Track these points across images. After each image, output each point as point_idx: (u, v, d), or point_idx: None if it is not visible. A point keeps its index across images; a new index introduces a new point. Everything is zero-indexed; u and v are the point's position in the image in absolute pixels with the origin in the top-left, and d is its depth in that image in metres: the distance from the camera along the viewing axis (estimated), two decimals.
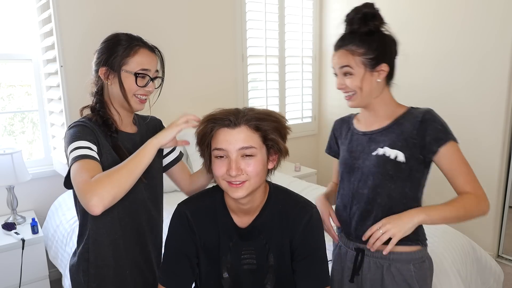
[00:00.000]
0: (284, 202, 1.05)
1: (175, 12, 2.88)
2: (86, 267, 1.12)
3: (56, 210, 2.36)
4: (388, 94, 1.18)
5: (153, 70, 1.12)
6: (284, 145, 0.99)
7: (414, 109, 1.15)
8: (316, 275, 1.03)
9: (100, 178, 0.92)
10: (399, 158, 1.10)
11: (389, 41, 1.14)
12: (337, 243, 1.31)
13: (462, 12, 2.68)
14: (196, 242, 1.05)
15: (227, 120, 0.93)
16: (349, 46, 1.12)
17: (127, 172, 0.95)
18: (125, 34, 1.12)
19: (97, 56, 1.12)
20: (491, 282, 2.01)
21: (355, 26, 1.12)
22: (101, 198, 0.89)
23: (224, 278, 1.05)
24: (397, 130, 1.12)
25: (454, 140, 1.08)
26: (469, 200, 1.06)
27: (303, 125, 3.81)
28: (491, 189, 2.66)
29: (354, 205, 1.20)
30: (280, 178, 2.82)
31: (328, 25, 3.73)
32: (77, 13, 2.45)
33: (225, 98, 3.24)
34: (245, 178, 0.93)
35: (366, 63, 1.10)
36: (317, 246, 1.04)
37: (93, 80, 1.15)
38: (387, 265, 1.14)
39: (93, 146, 1.02)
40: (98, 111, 1.11)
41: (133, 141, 1.16)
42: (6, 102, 2.51)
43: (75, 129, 1.04)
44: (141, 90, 1.10)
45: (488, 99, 2.61)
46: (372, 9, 1.12)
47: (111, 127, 1.10)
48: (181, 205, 1.07)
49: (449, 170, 1.09)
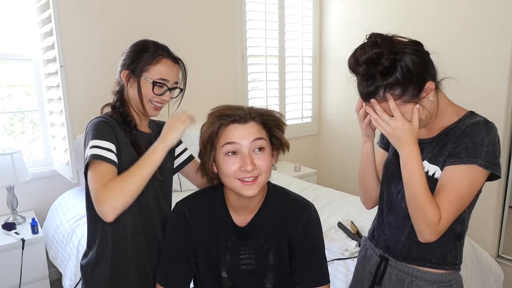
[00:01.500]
0: (282, 201, 1.05)
1: (175, 12, 2.88)
2: (105, 263, 1.12)
3: (56, 210, 2.36)
4: (443, 100, 1.04)
5: (173, 81, 1.16)
6: (286, 140, 1.01)
7: (472, 117, 1.00)
8: (315, 273, 1.03)
9: (111, 187, 0.97)
10: (436, 175, 0.99)
11: (414, 58, 0.93)
12: (364, 244, 1.27)
13: (462, 12, 2.68)
14: (194, 241, 1.05)
15: (237, 116, 0.93)
16: (379, 95, 0.95)
17: (137, 179, 1.00)
18: (153, 42, 1.16)
19: (123, 58, 1.17)
20: (491, 282, 2.01)
21: (368, 77, 0.95)
22: (113, 207, 0.96)
23: (223, 277, 1.05)
24: (442, 142, 1.00)
25: (478, 164, 0.92)
26: (432, 210, 0.93)
27: (303, 125, 3.81)
28: (491, 189, 2.67)
29: (391, 215, 1.13)
30: (280, 178, 2.82)
31: (328, 25, 3.73)
32: (77, 13, 2.45)
33: (225, 98, 3.24)
34: (258, 173, 0.93)
35: (408, 99, 0.94)
36: (315, 245, 1.04)
37: (116, 80, 1.20)
38: (409, 281, 1.07)
39: (112, 146, 1.06)
40: (119, 108, 1.15)
41: (149, 140, 1.19)
42: (6, 102, 2.51)
43: (97, 126, 1.08)
44: (157, 98, 1.14)
45: (488, 99, 2.61)
46: (372, 48, 0.93)
47: (131, 123, 1.15)
48: (179, 203, 1.07)
49: (444, 187, 0.95)
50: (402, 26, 3.04)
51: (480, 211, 2.73)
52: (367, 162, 1.18)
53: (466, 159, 0.92)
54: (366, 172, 1.19)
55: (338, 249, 1.75)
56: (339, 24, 3.62)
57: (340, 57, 3.62)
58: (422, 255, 1.06)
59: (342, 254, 1.73)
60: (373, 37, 0.95)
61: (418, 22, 2.93)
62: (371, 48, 0.93)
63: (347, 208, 2.27)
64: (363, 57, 0.93)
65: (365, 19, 3.35)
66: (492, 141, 0.93)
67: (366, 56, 0.93)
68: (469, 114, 1.01)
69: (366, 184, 1.21)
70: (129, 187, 0.98)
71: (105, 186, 0.97)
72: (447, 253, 1.05)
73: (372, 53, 0.92)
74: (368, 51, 0.93)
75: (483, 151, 0.92)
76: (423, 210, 0.94)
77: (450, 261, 1.05)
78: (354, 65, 0.96)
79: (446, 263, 1.05)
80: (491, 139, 0.92)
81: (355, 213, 2.19)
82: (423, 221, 0.95)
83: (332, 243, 1.79)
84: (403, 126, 0.95)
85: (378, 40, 0.93)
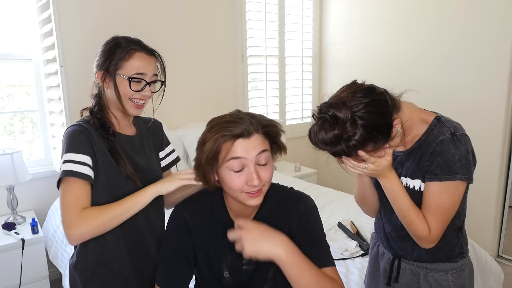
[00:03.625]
0: (279, 197, 1.06)
1: (175, 12, 2.88)
2: (84, 265, 1.12)
3: (56, 210, 2.36)
4: (409, 113, 1.05)
5: (150, 74, 1.10)
6: (284, 144, 1.02)
7: (439, 125, 1.03)
8: (318, 256, 1.00)
9: (88, 216, 0.98)
10: (420, 188, 1.06)
11: (372, 109, 0.92)
12: (375, 240, 1.30)
13: (463, 12, 2.68)
14: (194, 243, 1.05)
15: (241, 130, 0.90)
16: (352, 155, 0.98)
17: (115, 216, 1.01)
18: (124, 38, 1.11)
19: (96, 59, 1.12)
20: (491, 282, 2.01)
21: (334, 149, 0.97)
22: (82, 236, 0.98)
23: (225, 277, 1.05)
24: (418, 156, 1.05)
25: (459, 179, 0.98)
26: (421, 225, 1.01)
27: (303, 125, 3.81)
28: (491, 189, 2.67)
29: (388, 225, 1.18)
30: (280, 178, 2.82)
31: (328, 25, 3.72)
32: (77, 13, 2.45)
33: (225, 98, 3.24)
34: (262, 184, 0.94)
35: (381, 145, 0.97)
36: (316, 230, 1.04)
37: (93, 82, 1.15)
38: (424, 274, 1.13)
39: (87, 159, 1.03)
40: (96, 114, 1.11)
41: (131, 143, 1.16)
42: (6, 102, 2.51)
43: (71, 137, 1.04)
44: (137, 95, 1.09)
45: (488, 100, 2.61)
46: (329, 131, 0.93)
47: (108, 130, 1.10)
48: (179, 205, 1.07)
49: (426, 203, 1.02)
50: (402, 26, 3.04)
51: (480, 211, 2.73)
52: (364, 186, 1.20)
53: (442, 176, 0.99)
54: (365, 193, 1.21)
55: (338, 249, 1.75)
56: (339, 24, 3.62)
57: (340, 57, 3.62)
58: (432, 256, 1.12)
59: (342, 254, 1.73)
60: (324, 112, 0.94)
61: (418, 22, 2.93)
62: (329, 131, 0.93)
63: (347, 208, 2.27)
64: (325, 140, 0.94)
65: (365, 19, 3.35)
66: (464, 153, 0.98)
67: (327, 140, 0.94)
68: (436, 122, 1.04)
69: (367, 201, 1.23)
70: (104, 222, 0.99)
71: (81, 213, 0.98)
72: (454, 247, 1.11)
73: (331, 135, 0.93)
74: (327, 133, 0.93)
75: (457, 166, 0.98)
76: (412, 226, 1.02)
77: (458, 252, 1.12)
78: (316, 145, 0.99)
79: (455, 256, 1.12)
80: (461, 153, 0.98)
81: (355, 213, 2.19)
82: (415, 235, 1.03)
83: (332, 243, 1.79)
84: (379, 166, 1.00)
85: (328, 115, 0.93)
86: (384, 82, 1.12)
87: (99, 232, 1.01)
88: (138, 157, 1.17)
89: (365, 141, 0.93)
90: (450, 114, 1.49)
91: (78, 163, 1.01)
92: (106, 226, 1.01)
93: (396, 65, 3.13)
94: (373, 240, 1.32)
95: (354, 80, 1.02)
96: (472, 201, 2.78)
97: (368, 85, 0.98)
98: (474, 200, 2.75)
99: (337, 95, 0.97)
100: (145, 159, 1.19)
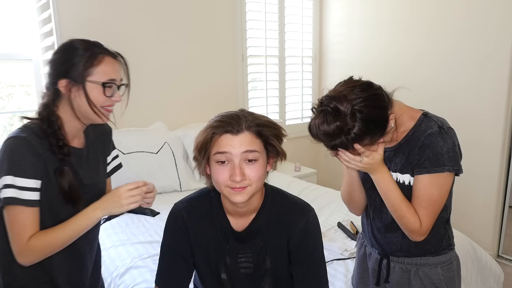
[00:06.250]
0: (280, 205, 1.04)
1: (175, 12, 2.88)
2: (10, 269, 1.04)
3: None
4: (399, 110, 1.07)
5: (119, 79, 1.06)
6: (283, 150, 1.00)
7: (426, 120, 1.06)
8: (312, 280, 1.02)
9: (35, 247, 0.96)
10: (410, 182, 1.08)
11: (371, 103, 0.96)
12: (362, 241, 1.30)
13: (463, 12, 2.68)
14: (192, 242, 1.04)
15: (230, 126, 0.92)
16: (348, 148, 1.00)
17: (62, 244, 1.00)
18: (81, 41, 1.04)
19: (52, 67, 1.02)
20: (491, 282, 2.01)
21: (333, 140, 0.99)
22: (32, 261, 0.98)
23: (223, 279, 1.05)
24: (406, 151, 1.07)
25: (447, 171, 1.01)
26: (412, 218, 1.03)
27: (303, 125, 3.80)
28: (491, 189, 2.66)
29: (377, 221, 1.19)
30: (280, 178, 2.82)
31: (328, 25, 3.72)
32: (77, 13, 2.45)
33: (225, 98, 3.24)
34: (247, 183, 0.93)
35: (377, 139, 1.00)
36: (313, 251, 1.03)
37: (45, 93, 1.05)
38: (415, 270, 1.14)
39: (34, 182, 0.95)
40: (50, 132, 1.00)
41: (79, 156, 1.09)
42: (6, 102, 2.51)
43: (14, 154, 0.94)
44: (109, 101, 1.04)
45: (488, 99, 2.61)
46: (331, 122, 0.95)
47: (63, 149, 1.00)
48: (177, 204, 1.07)
49: (416, 196, 1.05)
50: (402, 26, 3.04)
51: (480, 211, 2.73)
52: (353, 183, 1.20)
53: (431, 168, 1.01)
54: (353, 191, 1.22)
55: (337, 249, 1.75)
56: (339, 24, 3.61)
57: (340, 57, 3.62)
58: (421, 249, 1.13)
59: (341, 254, 1.73)
60: (325, 104, 0.96)
61: (418, 22, 2.93)
62: (331, 123, 0.95)
63: (347, 208, 2.27)
64: (328, 132, 0.96)
65: (365, 19, 3.35)
66: (451, 146, 1.01)
67: (330, 131, 0.96)
68: (423, 118, 1.07)
69: (354, 199, 1.24)
70: (51, 251, 0.99)
71: (28, 245, 0.95)
72: (442, 239, 1.14)
73: (334, 127, 0.95)
74: (330, 125, 0.95)
75: (446, 159, 1.01)
76: (404, 219, 1.05)
77: (445, 244, 1.15)
78: (316, 138, 1.01)
79: (443, 248, 1.15)
80: (449, 146, 1.01)
81: None
82: (406, 229, 1.06)
83: (332, 243, 1.79)
84: (373, 159, 1.03)
85: (330, 107, 0.95)
86: (384, 82, 1.12)
87: (48, 255, 1.00)
88: (83, 171, 1.09)
89: (363, 134, 0.96)
90: (450, 114, 1.49)
91: (22, 189, 0.93)
92: (53, 252, 1.00)
93: (396, 65, 3.12)
94: (360, 240, 1.32)
95: (350, 76, 1.05)
96: (472, 201, 2.78)
97: (365, 81, 1.02)
98: (474, 200, 2.75)
99: (336, 89, 1.00)
100: (89, 175, 1.11)
